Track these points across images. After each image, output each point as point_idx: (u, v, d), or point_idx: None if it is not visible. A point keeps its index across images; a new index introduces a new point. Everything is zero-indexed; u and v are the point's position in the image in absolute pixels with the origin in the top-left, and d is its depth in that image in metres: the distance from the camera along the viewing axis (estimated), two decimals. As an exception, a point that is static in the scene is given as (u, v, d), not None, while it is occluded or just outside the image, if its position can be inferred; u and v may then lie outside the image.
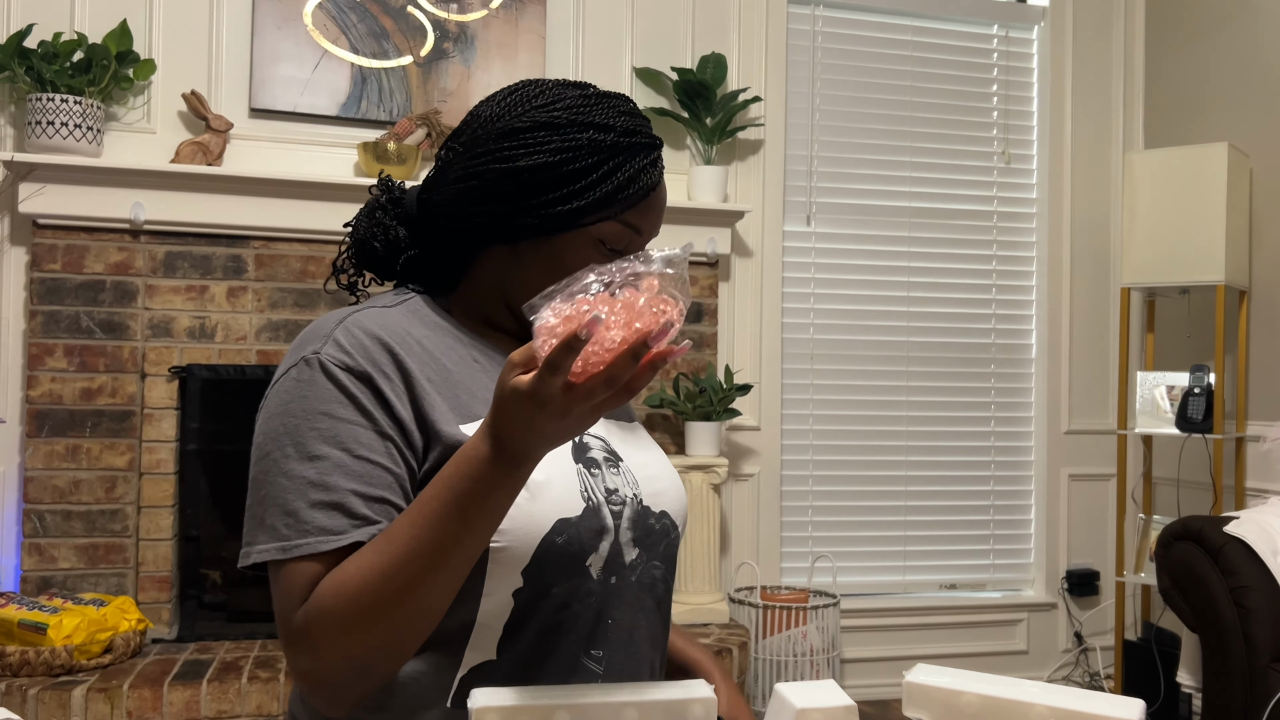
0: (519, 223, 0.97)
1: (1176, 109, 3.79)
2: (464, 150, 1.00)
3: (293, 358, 0.95)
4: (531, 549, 0.92)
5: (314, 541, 0.86)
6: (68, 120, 2.79)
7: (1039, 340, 3.86)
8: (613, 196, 0.97)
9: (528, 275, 1.00)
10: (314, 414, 0.90)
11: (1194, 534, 2.62)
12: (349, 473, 0.88)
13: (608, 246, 0.99)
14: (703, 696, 0.78)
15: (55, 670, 2.55)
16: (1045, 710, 0.80)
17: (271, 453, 0.90)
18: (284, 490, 0.88)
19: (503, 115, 0.99)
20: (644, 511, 1.02)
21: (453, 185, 1.00)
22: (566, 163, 0.96)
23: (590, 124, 0.97)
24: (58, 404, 2.87)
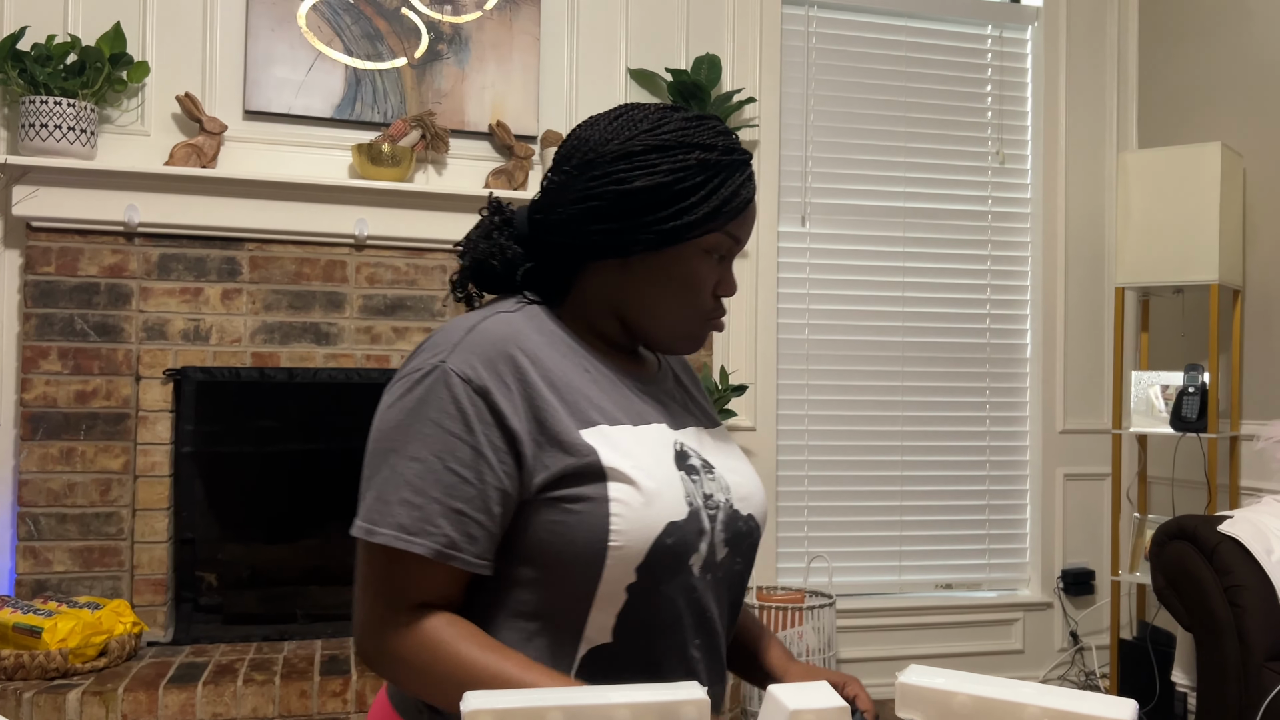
0: (635, 238, 1.06)
1: (1170, 109, 3.80)
2: (579, 173, 1.08)
3: (423, 359, 1.03)
4: (646, 548, 1.01)
5: (389, 535, 0.98)
6: (61, 123, 2.79)
7: (1034, 340, 3.87)
8: (719, 210, 1.06)
9: (639, 286, 1.10)
10: (426, 419, 1.00)
11: (1188, 533, 2.62)
12: (438, 481, 0.99)
13: (712, 255, 1.09)
14: (695, 698, 0.78)
15: (50, 674, 2.55)
16: (1038, 711, 0.80)
17: (384, 442, 1.01)
18: (384, 480, 1.00)
19: (613, 139, 1.07)
20: (734, 515, 1.12)
21: (571, 206, 1.08)
22: (678, 182, 1.05)
23: (696, 144, 1.06)
24: (52, 407, 2.86)
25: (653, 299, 1.09)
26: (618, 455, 1.03)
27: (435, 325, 3.15)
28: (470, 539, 0.99)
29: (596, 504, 1.01)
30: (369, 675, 2.69)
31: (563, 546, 1.01)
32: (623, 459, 1.03)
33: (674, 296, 1.09)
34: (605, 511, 1.00)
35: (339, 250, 3.08)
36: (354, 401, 3.15)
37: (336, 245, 3.08)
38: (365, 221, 3.05)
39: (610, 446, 1.03)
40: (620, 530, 1.00)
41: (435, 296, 3.16)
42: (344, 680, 2.66)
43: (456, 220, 3.13)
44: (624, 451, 1.04)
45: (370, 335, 3.10)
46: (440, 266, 3.16)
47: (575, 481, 1.02)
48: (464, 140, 3.26)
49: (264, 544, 3.11)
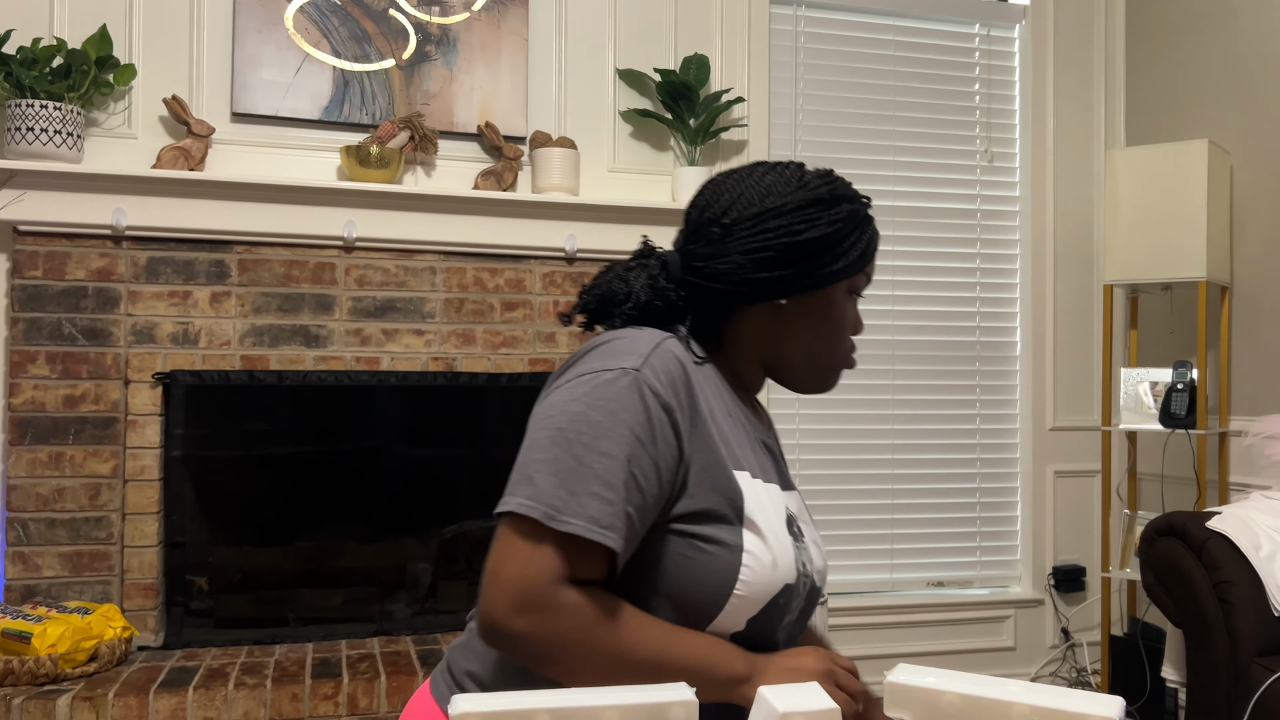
0: (798, 283, 1.16)
1: (1157, 106, 3.81)
2: (746, 225, 1.16)
3: (609, 361, 1.07)
4: (762, 604, 1.09)
5: (580, 525, 1.00)
6: (48, 126, 2.77)
7: (1023, 338, 3.88)
8: (866, 255, 1.20)
9: (793, 327, 1.20)
10: (618, 421, 1.03)
11: (1177, 530, 2.63)
12: (624, 482, 1.02)
13: (853, 295, 1.23)
14: (683, 699, 0.78)
15: (40, 679, 2.54)
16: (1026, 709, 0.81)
17: (569, 431, 1.03)
18: (569, 469, 1.01)
19: (769, 195, 1.17)
20: (814, 590, 1.20)
21: (738, 255, 1.16)
22: (837, 232, 1.17)
23: (844, 198, 1.18)
24: (40, 411, 2.85)
25: (807, 338, 1.20)
26: (758, 506, 1.10)
27: (425, 327, 3.15)
28: (630, 542, 1.04)
29: (731, 551, 1.07)
30: (360, 678, 2.68)
31: (689, 583, 1.06)
32: (759, 512, 1.10)
33: (825, 334, 1.20)
34: (738, 561, 1.07)
35: (328, 252, 3.08)
36: (344, 404, 3.15)
37: (325, 247, 3.07)
38: (354, 223, 3.05)
39: (753, 496, 1.10)
40: (747, 582, 1.06)
41: (425, 298, 3.15)
42: (335, 683, 2.66)
43: (445, 222, 3.12)
44: (760, 505, 1.10)
45: (360, 337, 3.10)
46: (429, 268, 3.16)
47: (716, 521, 1.07)
48: (453, 141, 3.26)
49: (255, 547, 3.10)
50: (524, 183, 3.30)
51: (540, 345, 3.25)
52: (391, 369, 3.11)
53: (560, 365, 1.13)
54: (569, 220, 3.22)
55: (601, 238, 3.26)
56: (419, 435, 3.22)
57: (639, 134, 3.45)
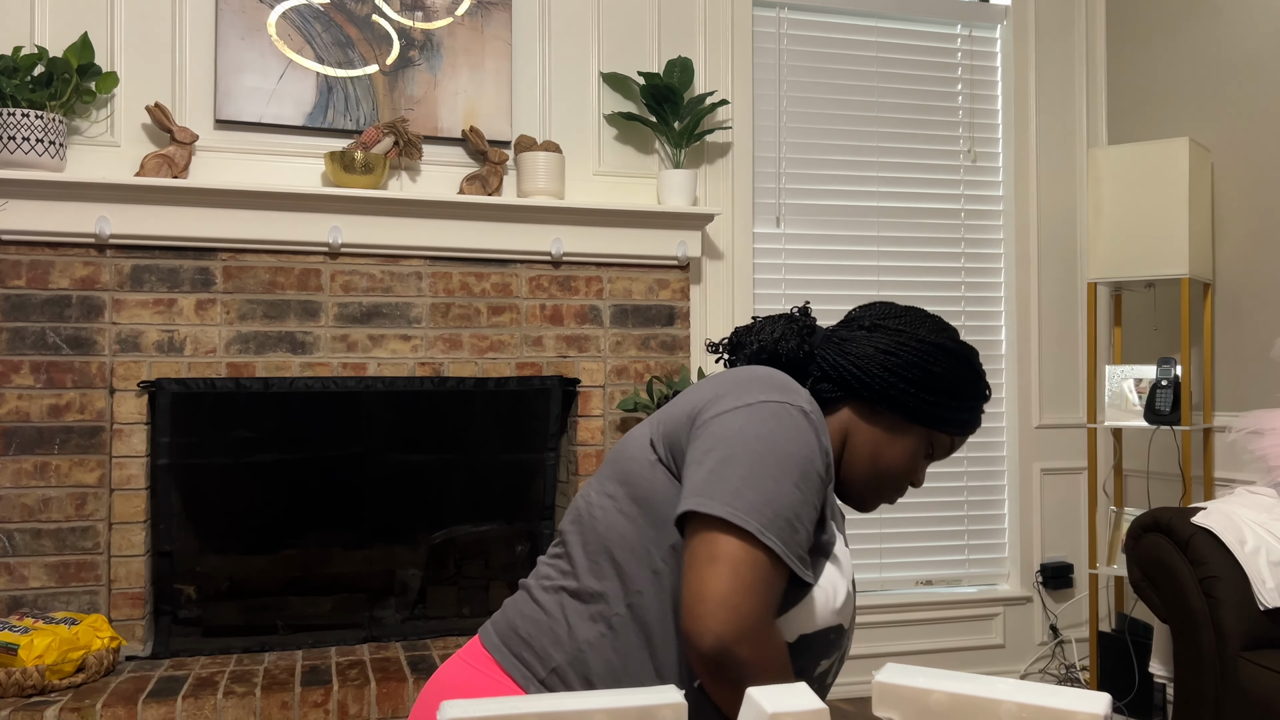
0: (899, 399, 1.26)
1: (1138, 105, 3.83)
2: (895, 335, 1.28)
3: (779, 396, 1.15)
4: (815, 628, 1.15)
5: (793, 559, 1.08)
6: (29, 135, 2.76)
7: (1008, 336, 3.90)
8: (960, 422, 1.30)
9: (874, 435, 1.28)
10: (809, 459, 1.12)
11: (1163, 526, 2.65)
12: (811, 518, 1.11)
13: (932, 447, 1.31)
14: (672, 702, 0.78)
15: (27, 691, 2.53)
16: (1013, 707, 0.81)
17: (771, 459, 1.09)
18: (784, 501, 1.08)
19: (936, 332, 1.30)
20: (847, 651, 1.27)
21: (874, 350, 1.28)
22: (955, 386, 1.28)
23: (980, 377, 1.31)
24: (25, 421, 2.84)
25: (874, 448, 1.28)
26: (841, 553, 1.21)
27: (412, 332, 3.14)
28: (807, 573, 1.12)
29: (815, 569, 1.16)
30: (350, 685, 2.68)
31: None
32: (842, 555, 1.21)
33: (896, 461, 1.28)
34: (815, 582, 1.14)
35: (313, 259, 3.07)
36: (331, 410, 3.14)
37: (311, 254, 3.07)
38: (339, 229, 3.04)
39: (840, 544, 1.21)
40: (815, 600, 1.14)
41: (411, 304, 3.15)
42: (325, 690, 2.65)
43: (431, 227, 3.12)
44: (842, 552, 1.21)
45: (346, 343, 3.09)
46: (415, 274, 3.15)
47: (816, 548, 1.17)
48: (437, 146, 3.26)
49: (243, 555, 3.09)
50: (509, 187, 3.30)
51: (527, 349, 3.25)
52: (378, 375, 3.11)
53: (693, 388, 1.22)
54: (555, 224, 3.22)
55: (587, 241, 3.26)
56: (407, 441, 3.22)
57: (623, 137, 3.45)
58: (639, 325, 3.35)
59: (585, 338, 3.31)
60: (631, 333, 3.35)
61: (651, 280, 3.37)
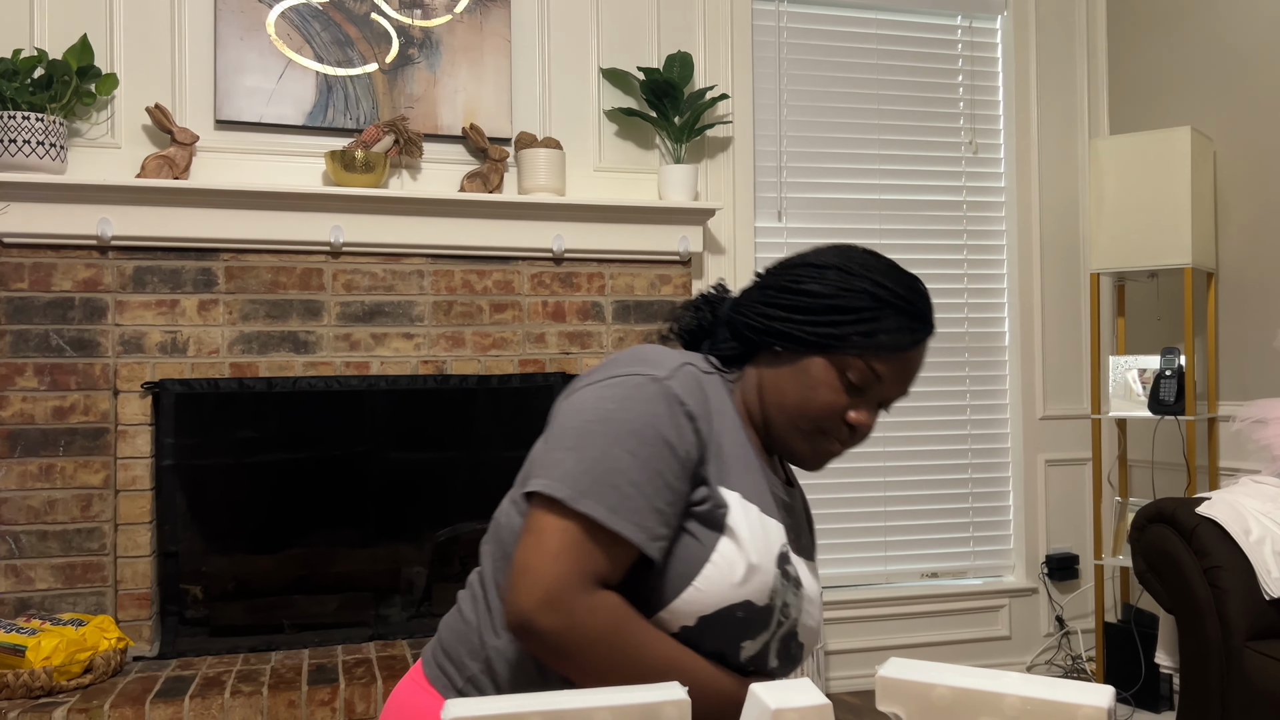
0: (785, 331, 1.17)
1: (1140, 94, 3.82)
2: (778, 268, 1.22)
3: (635, 368, 1.13)
4: (716, 607, 1.10)
5: (601, 511, 1.04)
6: (30, 137, 2.76)
7: (1011, 327, 3.89)
8: (865, 339, 1.14)
9: (780, 378, 1.19)
10: (646, 422, 1.08)
11: (1167, 516, 2.64)
12: (650, 480, 1.07)
13: (847, 376, 1.16)
14: (675, 699, 0.78)
15: (35, 692, 2.53)
16: (1017, 700, 0.81)
17: (597, 425, 1.07)
18: (594, 459, 1.06)
19: (820, 254, 1.20)
20: (792, 635, 1.20)
21: (756, 289, 1.23)
22: (839, 297, 1.15)
23: (873, 279, 1.16)
24: (29, 424, 2.84)
25: (782, 389, 1.19)
26: (742, 521, 1.13)
27: (414, 330, 3.14)
28: (662, 536, 1.08)
29: (703, 548, 1.10)
30: (357, 683, 2.68)
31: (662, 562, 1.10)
32: (744, 527, 1.12)
33: (799, 394, 1.17)
34: (705, 558, 1.10)
35: (315, 258, 3.07)
36: (334, 409, 3.14)
37: (312, 253, 3.07)
38: (340, 228, 3.04)
39: (740, 511, 1.13)
40: (708, 578, 1.09)
41: (413, 302, 3.15)
42: (332, 689, 2.66)
43: (432, 225, 3.12)
44: (747, 523, 1.13)
45: (349, 342, 3.09)
46: (417, 272, 3.15)
47: (700, 520, 1.11)
48: (438, 144, 3.26)
49: (248, 555, 3.10)
50: (510, 184, 3.30)
51: (530, 346, 3.25)
52: (381, 373, 3.11)
53: (586, 371, 1.18)
54: (556, 220, 3.22)
55: (588, 237, 3.26)
56: (410, 439, 3.22)
57: (624, 133, 3.45)
58: (641, 321, 3.35)
59: (588, 334, 3.31)
60: (634, 329, 3.34)
61: (653, 276, 3.37)
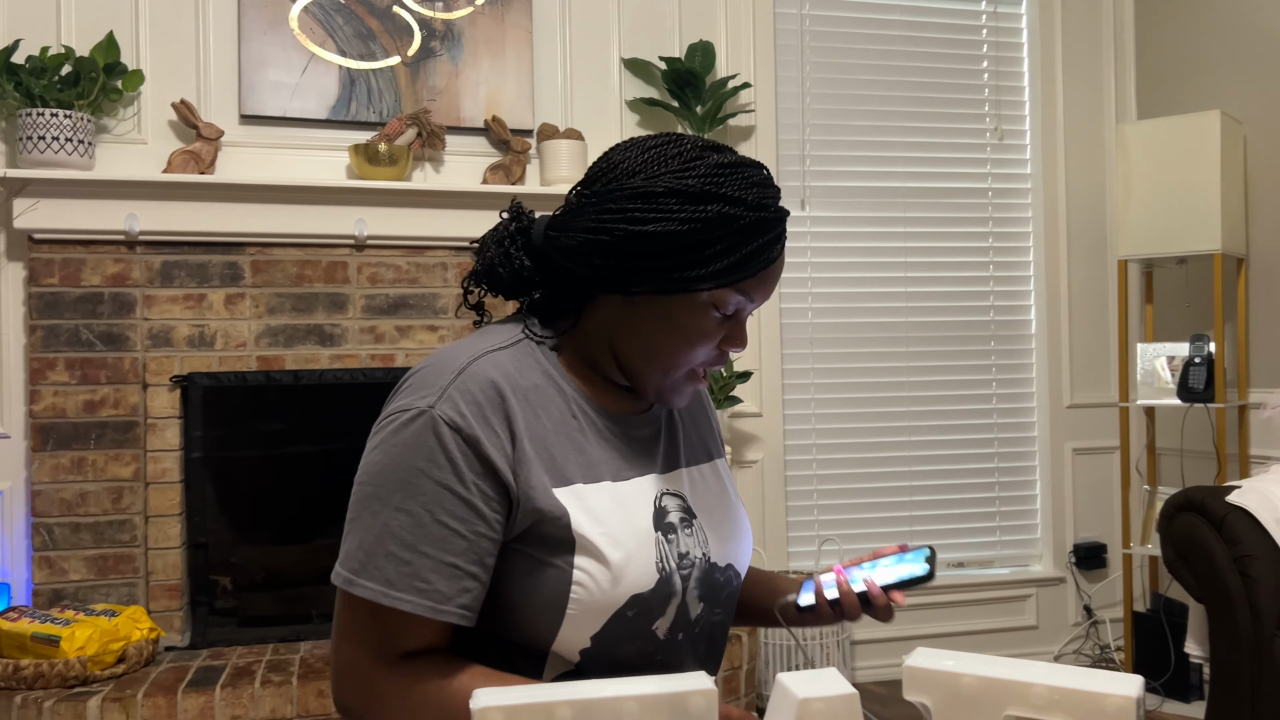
0: (639, 280, 1.01)
1: (1168, 78, 3.78)
2: (596, 201, 1.03)
3: (409, 399, 1.00)
4: (603, 620, 1.01)
5: (375, 590, 0.95)
6: (59, 134, 2.79)
7: (1038, 315, 3.86)
8: (732, 269, 1.00)
9: (639, 327, 1.04)
10: (413, 469, 0.97)
11: (1196, 505, 2.62)
12: (428, 535, 0.96)
13: (719, 311, 1.03)
14: (703, 688, 0.78)
15: (70, 681, 2.57)
16: (1044, 690, 0.81)
17: (368, 487, 0.99)
18: (366, 528, 0.97)
19: (639, 172, 1.01)
20: (711, 568, 1.10)
21: (580, 233, 1.02)
22: (693, 234, 0.99)
23: (720, 196, 0.99)
24: (61, 417, 2.88)
25: (646, 342, 1.04)
26: (589, 521, 1.01)
27: (439, 323, 3.16)
28: (463, 591, 0.97)
29: (562, 571, 0.99)
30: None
31: (526, 598, 1.01)
32: (593, 525, 1.01)
33: (670, 344, 1.04)
34: (568, 580, 0.99)
35: (340, 251, 3.09)
36: (360, 401, 3.16)
37: (337, 246, 3.09)
38: (364, 221, 3.06)
39: (583, 510, 1.01)
40: (580, 600, 0.99)
41: (437, 294, 3.16)
42: (361, 679, 2.68)
43: (455, 217, 3.13)
44: (596, 517, 1.01)
45: (374, 335, 3.11)
46: (441, 264, 3.17)
47: (544, 544, 1.00)
48: (460, 136, 3.26)
49: (276, 546, 3.12)
50: (532, 175, 3.31)
51: (554, 337, 3.26)
52: (406, 365, 3.13)
53: None
54: (579, 212, 3.22)
55: (612, 228, 3.25)
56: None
57: (646, 123, 3.44)
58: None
59: (611, 325, 3.31)
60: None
61: (676, 266, 3.36)
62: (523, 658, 1.04)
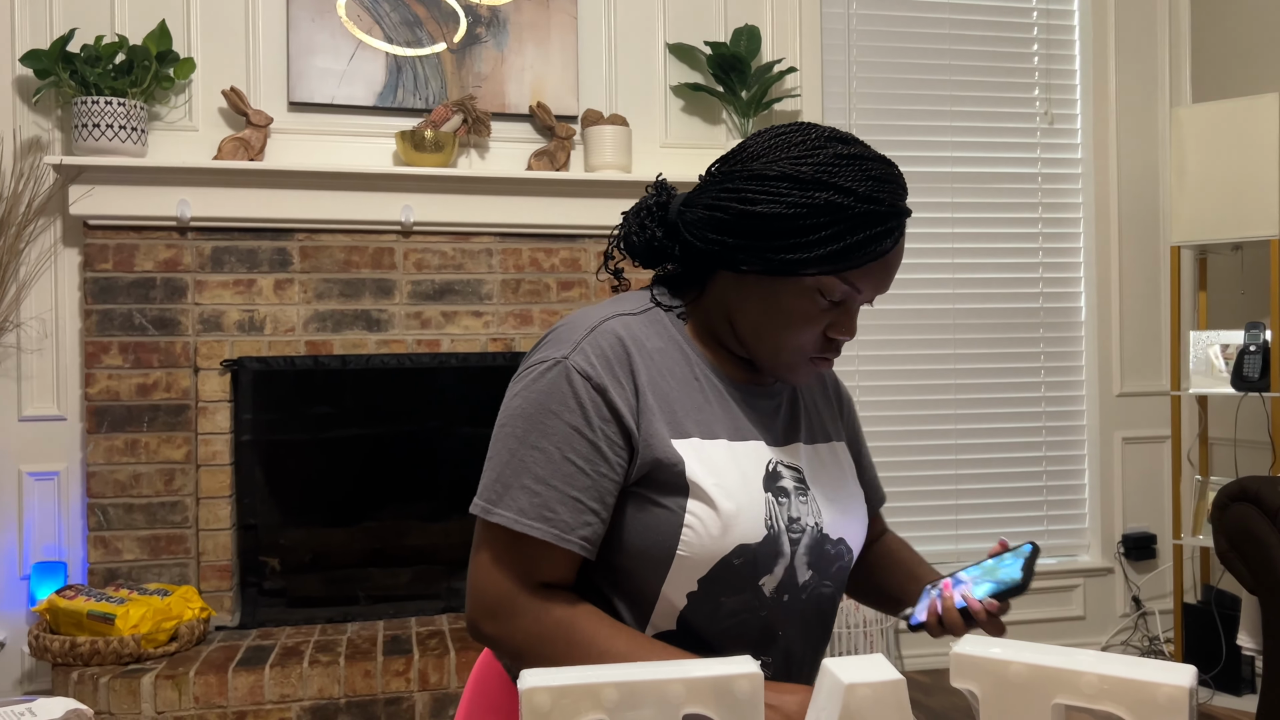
0: (746, 259, 1.06)
1: (1224, 61, 3.69)
2: (719, 180, 1.09)
3: (547, 352, 1.08)
4: (710, 565, 1.06)
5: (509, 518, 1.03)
6: (113, 122, 2.84)
7: (1088, 302, 3.80)
8: (836, 257, 1.03)
9: (747, 305, 1.10)
10: (548, 411, 1.05)
11: (1251, 495, 2.57)
12: (558, 471, 1.04)
13: (825, 298, 1.06)
14: (748, 672, 0.78)
15: (124, 659, 2.63)
16: (1094, 679, 0.80)
17: (507, 427, 1.07)
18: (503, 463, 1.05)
19: (761, 155, 1.07)
20: (822, 539, 1.14)
21: (701, 209, 1.09)
22: (800, 218, 1.03)
23: (832, 185, 1.02)
24: (115, 400, 2.94)
25: (755, 320, 1.10)
26: (704, 470, 1.07)
27: (484, 309, 3.18)
28: (584, 524, 1.04)
29: (674, 514, 1.06)
30: (430, 654, 2.74)
31: (639, 539, 1.07)
32: (708, 475, 1.06)
33: (775, 324, 1.08)
34: (680, 523, 1.05)
35: (386, 237, 3.12)
36: (406, 386, 3.19)
37: (384, 232, 3.11)
38: (411, 208, 3.08)
39: (699, 460, 1.07)
40: (689, 543, 1.05)
41: (482, 280, 3.18)
42: (407, 660, 2.71)
43: (500, 204, 3.14)
44: (711, 468, 1.07)
45: (420, 320, 3.14)
46: (486, 250, 3.18)
47: (660, 488, 1.07)
48: (505, 123, 3.27)
49: (324, 528, 3.17)
50: (577, 161, 3.31)
51: (597, 323, 3.26)
52: (452, 350, 3.15)
53: None
54: (622, 198, 3.22)
55: (656, 214, 3.25)
56: (480, 415, 3.26)
57: (690, 108, 3.43)
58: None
59: (655, 311, 3.31)
60: (701, 305, 3.34)
61: (721, 252, 3.35)
62: (635, 603, 1.09)
